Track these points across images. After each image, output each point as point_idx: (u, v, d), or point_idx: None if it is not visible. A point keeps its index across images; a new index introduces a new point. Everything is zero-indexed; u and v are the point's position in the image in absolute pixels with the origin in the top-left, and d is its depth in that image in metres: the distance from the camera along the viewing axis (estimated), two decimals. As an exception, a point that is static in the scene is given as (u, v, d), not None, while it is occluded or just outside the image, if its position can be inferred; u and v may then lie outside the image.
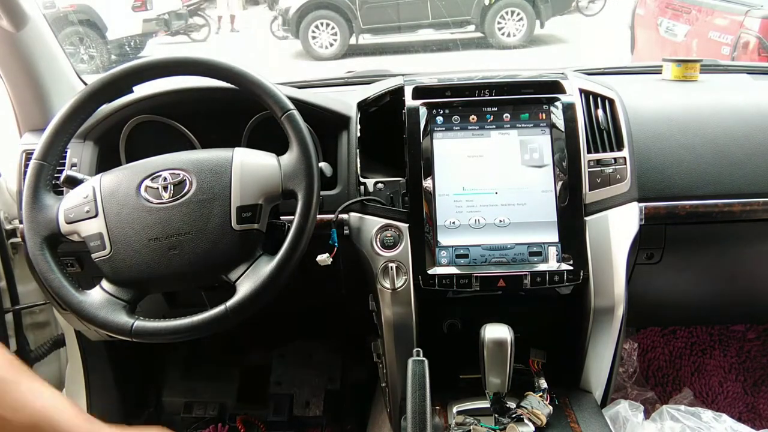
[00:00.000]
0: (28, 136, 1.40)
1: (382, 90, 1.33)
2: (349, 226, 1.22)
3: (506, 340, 1.04)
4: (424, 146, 1.21)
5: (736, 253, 1.41)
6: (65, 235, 1.05)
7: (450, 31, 8.08)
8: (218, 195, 1.02)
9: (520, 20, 7.79)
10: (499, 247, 1.18)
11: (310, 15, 7.93)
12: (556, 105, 1.22)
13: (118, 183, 1.06)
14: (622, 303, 1.18)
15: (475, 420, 1.08)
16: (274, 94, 1.05)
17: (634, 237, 1.20)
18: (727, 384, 1.93)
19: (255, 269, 1.01)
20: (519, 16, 7.79)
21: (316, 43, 7.94)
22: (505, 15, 7.77)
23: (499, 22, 7.78)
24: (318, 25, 7.93)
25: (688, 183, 1.26)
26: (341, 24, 7.89)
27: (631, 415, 1.31)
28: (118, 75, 1.09)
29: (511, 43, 7.76)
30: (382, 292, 1.18)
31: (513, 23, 7.81)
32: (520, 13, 7.77)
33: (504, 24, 7.81)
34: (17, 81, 1.38)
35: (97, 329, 1.02)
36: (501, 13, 7.74)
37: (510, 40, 7.79)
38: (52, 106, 1.38)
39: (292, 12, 7.94)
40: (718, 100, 1.40)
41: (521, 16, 7.79)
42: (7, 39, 1.31)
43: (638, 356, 1.96)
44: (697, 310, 1.60)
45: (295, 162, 1.03)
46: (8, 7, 1.26)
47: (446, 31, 8.07)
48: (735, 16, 3.87)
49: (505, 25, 7.82)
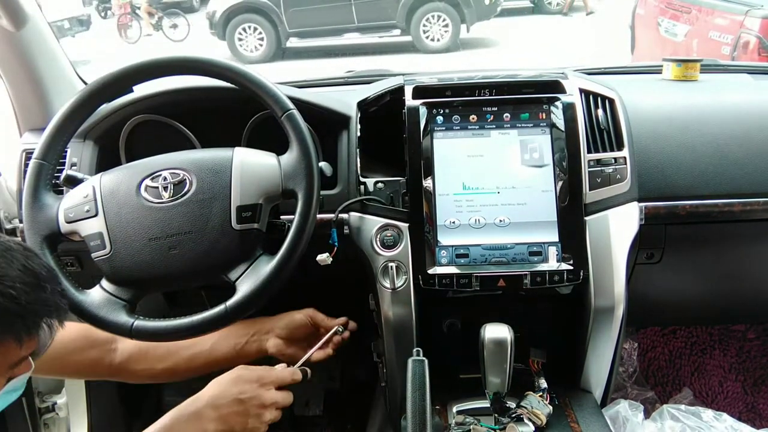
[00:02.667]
0: (28, 135, 1.40)
1: (382, 89, 1.33)
2: (349, 226, 1.21)
3: (506, 340, 1.04)
4: (424, 146, 1.20)
5: (736, 253, 1.41)
6: (65, 234, 1.05)
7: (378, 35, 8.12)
8: (218, 194, 1.02)
9: (445, 25, 7.84)
10: (499, 246, 1.17)
11: (236, 18, 7.99)
12: (556, 105, 1.22)
13: (118, 182, 1.06)
14: (622, 303, 1.18)
15: (475, 420, 1.08)
16: (274, 93, 1.05)
17: (634, 237, 1.20)
18: (727, 384, 1.93)
19: (255, 269, 1.01)
20: (444, 20, 7.83)
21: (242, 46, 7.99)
22: (431, 19, 7.83)
23: (424, 26, 7.84)
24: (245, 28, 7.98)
25: (688, 183, 1.26)
26: (267, 28, 7.95)
27: (631, 414, 1.31)
28: (119, 74, 1.09)
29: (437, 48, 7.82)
30: (382, 292, 1.18)
31: (438, 28, 7.87)
32: (444, 17, 7.82)
33: (429, 28, 7.87)
34: (17, 80, 1.38)
35: (97, 329, 1.03)
36: (426, 17, 7.79)
37: (436, 44, 7.86)
38: (52, 106, 1.38)
39: (218, 15, 7.97)
40: (719, 99, 1.40)
41: (446, 21, 7.83)
42: (7, 38, 1.31)
43: (638, 356, 1.96)
44: (697, 310, 1.60)
45: (295, 162, 1.03)
46: (8, 7, 1.26)
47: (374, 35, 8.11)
48: (735, 16, 3.87)
49: (431, 29, 7.88)
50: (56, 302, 0.82)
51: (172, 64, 1.09)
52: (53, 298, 0.82)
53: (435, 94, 1.24)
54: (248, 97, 1.07)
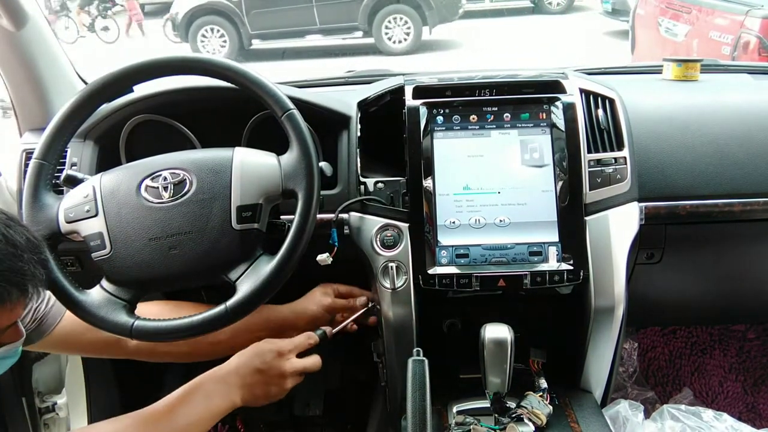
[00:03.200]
0: (28, 135, 1.40)
1: (382, 89, 1.33)
2: (349, 226, 1.21)
3: (506, 340, 1.03)
4: (425, 146, 1.20)
5: (736, 253, 1.41)
6: (65, 234, 1.05)
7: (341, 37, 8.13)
8: (218, 194, 1.02)
9: (407, 27, 7.86)
10: (500, 246, 1.17)
11: (199, 20, 8.01)
12: (556, 105, 1.22)
13: (119, 182, 1.06)
14: (622, 303, 1.18)
15: (475, 420, 1.08)
16: (275, 93, 1.05)
17: (634, 237, 1.20)
18: (727, 384, 1.93)
19: (255, 269, 1.01)
20: (405, 22, 7.84)
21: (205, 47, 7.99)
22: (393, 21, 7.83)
23: (386, 28, 7.85)
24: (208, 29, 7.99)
25: (688, 183, 1.26)
26: (229, 29, 7.96)
27: (631, 414, 1.31)
28: (119, 74, 1.09)
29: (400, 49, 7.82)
30: (382, 292, 1.18)
31: (400, 30, 7.87)
32: (406, 19, 7.84)
33: (391, 30, 7.88)
34: (17, 80, 1.38)
35: (98, 329, 1.03)
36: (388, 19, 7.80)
37: (398, 46, 7.87)
38: (53, 106, 1.38)
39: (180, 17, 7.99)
40: (719, 99, 1.40)
41: (408, 23, 7.85)
42: (7, 38, 1.31)
43: (638, 356, 1.96)
44: (697, 310, 1.60)
45: (295, 161, 1.03)
46: (8, 7, 1.26)
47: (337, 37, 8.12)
48: (735, 16, 3.87)
49: (393, 31, 7.89)
50: (32, 271, 0.84)
51: (172, 64, 1.09)
52: (28, 266, 0.83)
53: (435, 94, 1.24)
54: (248, 97, 1.07)
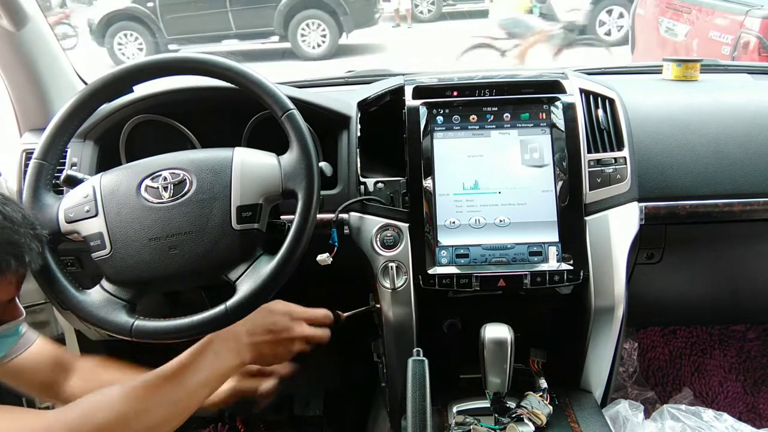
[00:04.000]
0: (28, 135, 1.40)
1: (382, 89, 1.33)
2: (349, 226, 1.22)
3: (506, 340, 1.04)
4: (425, 146, 1.20)
5: (736, 253, 1.41)
6: (65, 234, 1.05)
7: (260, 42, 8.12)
8: (218, 194, 1.02)
9: (323, 31, 7.86)
10: (500, 246, 1.17)
11: (115, 25, 7.98)
12: (556, 105, 1.22)
13: (118, 182, 1.06)
14: (622, 303, 1.18)
15: (475, 420, 1.08)
16: (275, 93, 1.05)
17: (634, 237, 1.20)
18: (727, 384, 1.93)
19: (255, 269, 1.01)
20: (321, 27, 7.85)
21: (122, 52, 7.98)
22: (308, 25, 7.83)
23: (302, 33, 7.84)
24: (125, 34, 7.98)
25: (688, 183, 1.26)
26: (145, 35, 7.95)
27: (631, 414, 1.31)
28: (119, 74, 1.09)
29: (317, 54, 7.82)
30: (382, 292, 1.18)
31: (317, 35, 7.88)
32: (322, 25, 7.84)
33: (308, 35, 7.88)
34: (17, 80, 1.38)
35: (97, 329, 1.02)
36: (303, 24, 7.80)
37: (315, 51, 7.87)
38: (53, 106, 1.39)
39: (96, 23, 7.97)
40: (719, 99, 1.40)
41: (323, 28, 7.85)
42: (7, 38, 1.31)
43: (638, 356, 1.96)
44: (697, 310, 1.60)
45: (295, 162, 1.03)
46: (8, 7, 1.26)
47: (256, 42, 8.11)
48: (735, 16, 3.87)
49: (309, 36, 7.89)
50: (28, 243, 0.87)
51: (172, 64, 1.09)
52: (24, 239, 0.86)
53: (435, 94, 1.24)
54: (248, 97, 1.07)
